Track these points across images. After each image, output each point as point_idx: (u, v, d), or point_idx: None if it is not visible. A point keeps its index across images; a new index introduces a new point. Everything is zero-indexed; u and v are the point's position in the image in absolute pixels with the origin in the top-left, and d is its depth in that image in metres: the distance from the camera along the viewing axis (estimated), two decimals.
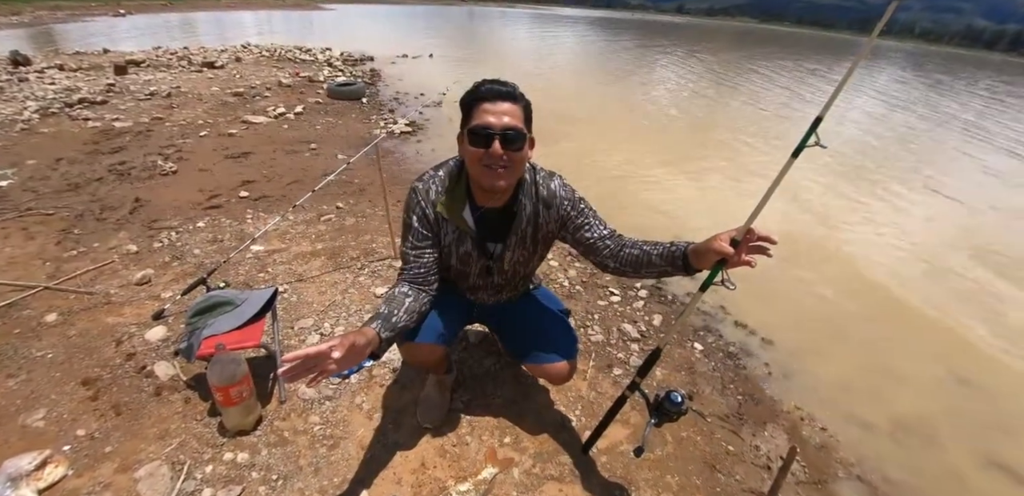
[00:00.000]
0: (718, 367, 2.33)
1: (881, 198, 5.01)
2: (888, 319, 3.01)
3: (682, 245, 1.25)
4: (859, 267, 3.59)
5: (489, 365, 2.04)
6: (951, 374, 2.59)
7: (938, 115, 11.00)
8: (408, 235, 1.35)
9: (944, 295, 3.36)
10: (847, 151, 6.71)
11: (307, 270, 2.60)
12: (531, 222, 1.38)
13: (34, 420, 1.60)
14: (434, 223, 1.34)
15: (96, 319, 2.10)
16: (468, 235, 1.37)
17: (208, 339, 1.65)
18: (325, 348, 0.97)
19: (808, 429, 2.05)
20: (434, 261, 1.36)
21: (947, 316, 3.12)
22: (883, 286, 3.38)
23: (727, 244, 1.11)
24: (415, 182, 1.36)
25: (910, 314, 3.10)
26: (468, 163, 1.26)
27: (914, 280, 3.52)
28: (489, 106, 1.20)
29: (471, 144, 1.20)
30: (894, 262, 3.73)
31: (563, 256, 3.08)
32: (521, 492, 1.53)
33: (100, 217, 3.01)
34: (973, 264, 3.87)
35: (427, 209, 1.33)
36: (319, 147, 4.76)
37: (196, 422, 1.65)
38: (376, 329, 1.15)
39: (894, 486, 1.83)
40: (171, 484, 1.43)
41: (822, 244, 3.85)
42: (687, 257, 1.22)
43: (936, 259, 3.88)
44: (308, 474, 1.51)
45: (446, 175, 1.35)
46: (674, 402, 1.33)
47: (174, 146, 4.43)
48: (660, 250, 1.27)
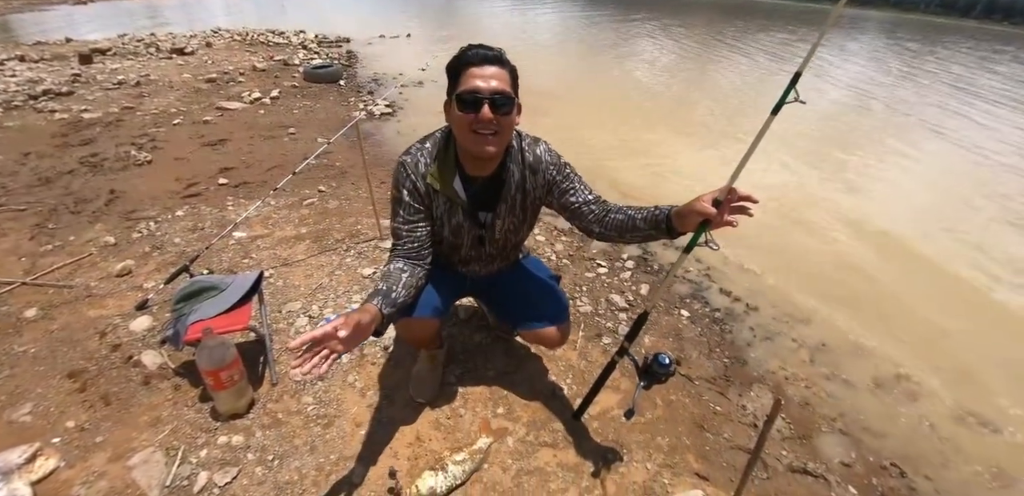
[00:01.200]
0: (704, 332, 2.35)
1: (866, 156, 5.02)
2: (867, 283, 3.04)
3: (665, 209, 1.24)
4: (840, 230, 3.61)
5: (480, 339, 2.03)
6: (928, 328, 2.65)
7: (919, 75, 10.99)
8: (399, 210, 1.32)
9: (928, 253, 3.41)
10: (830, 111, 6.69)
11: (292, 254, 2.55)
12: (519, 189, 1.37)
13: (20, 415, 1.56)
14: (425, 195, 1.32)
15: (78, 312, 2.04)
16: (459, 206, 1.34)
17: (195, 324, 1.61)
18: (330, 329, 0.97)
19: (792, 388, 2.09)
20: (427, 234, 1.34)
21: (930, 268, 3.18)
22: (866, 248, 3.41)
23: (709, 205, 1.10)
24: (402, 156, 1.32)
25: (891, 272, 3.14)
26: (456, 130, 1.24)
27: (897, 237, 3.57)
28: (477, 70, 1.16)
29: (460, 109, 1.17)
30: (879, 222, 3.77)
31: (549, 231, 3.06)
32: (516, 459, 1.55)
33: (75, 210, 2.90)
34: (959, 215, 3.94)
35: (417, 182, 1.30)
36: (298, 131, 4.62)
37: (188, 408, 1.62)
38: (378, 306, 1.15)
39: (874, 437, 1.88)
40: (166, 469, 1.42)
41: (803, 209, 3.87)
42: (671, 220, 1.21)
43: (923, 214, 3.93)
44: (304, 453, 1.50)
45: (433, 146, 1.32)
46: (662, 364, 1.33)
47: (147, 135, 4.26)
48: (644, 214, 1.26)
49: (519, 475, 1.50)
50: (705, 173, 4.34)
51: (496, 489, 1.45)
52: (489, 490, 1.45)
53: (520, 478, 1.49)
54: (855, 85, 8.60)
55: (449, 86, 1.22)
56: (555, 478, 1.50)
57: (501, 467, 1.52)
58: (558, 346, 1.68)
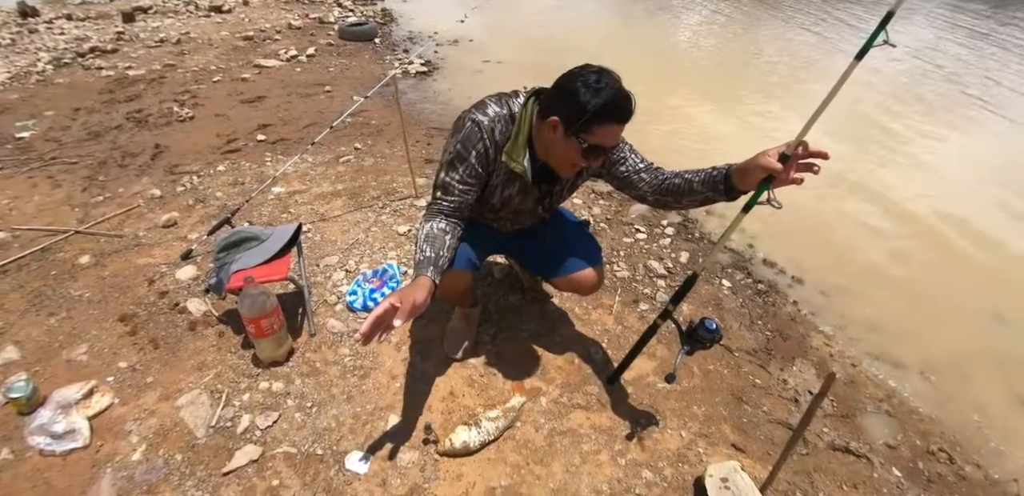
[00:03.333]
0: (746, 303, 2.25)
1: (938, 126, 4.60)
2: (924, 259, 2.83)
3: (723, 168, 1.16)
4: (899, 204, 3.35)
5: (515, 300, 2.00)
6: (987, 313, 2.44)
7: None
8: (459, 167, 1.24)
9: (988, 232, 3.14)
10: (895, 76, 6.13)
11: (329, 210, 2.54)
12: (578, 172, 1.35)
13: (77, 354, 1.64)
14: (492, 162, 1.27)
15: (127, 260, 2.10)
16: (519, 180, 1.31)
17: (237, 273, 1.63)
18: (389, 306, 1.02)
19: (837, 365, 1.98)
20: (474, 199, 1.31)
21: (986, 255, 2.92)
22: (922, 223, 3.15)
23: (775, 160, 1.02)
24: (478, 115, 1.22)
25: (947, 253, 2.90)
26: (556, 151, 1.21)
27: (956, 217, 3.28)
28: (616, 128, 1.15)
29: (582, 155, 1.17)
30: (937, 198, 3.46)
31: (587, 194, 2.94)
32: (548, 419, 1.53)
33: (122, 164, 2.97)
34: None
35: (490, 148, 1.24)
36: (333, 89, 4.56)
37: (231, 354, 1.66)
38: (431, 276, 1.15)
39: (923, 421, 1.78)
40: (211, 411, 1.46)
41: (862, 176, 3.59)
42: (730, 179, 1.13)
43: (984, 194, 3.59)
44: (341, 401, 1.53)
45: (508, 116, 1.24)
46: (709, 329, 1.28)
47: (188, 92, 4.29)
48: (702, 176, 1.20)
49: (551, 435, 1.49)
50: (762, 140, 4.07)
51: (528, 447, 1.45)
52: (521, 447, 1.44)
53: (552, 438, 1.48)
54: (921, 52, 7.84)
55: (571, 114, 1.12)
56: (588, 440, 1.48)
57: (534, 426, 1.51)
58: (593, 291, 1.63)
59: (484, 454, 1.40)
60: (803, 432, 1.22)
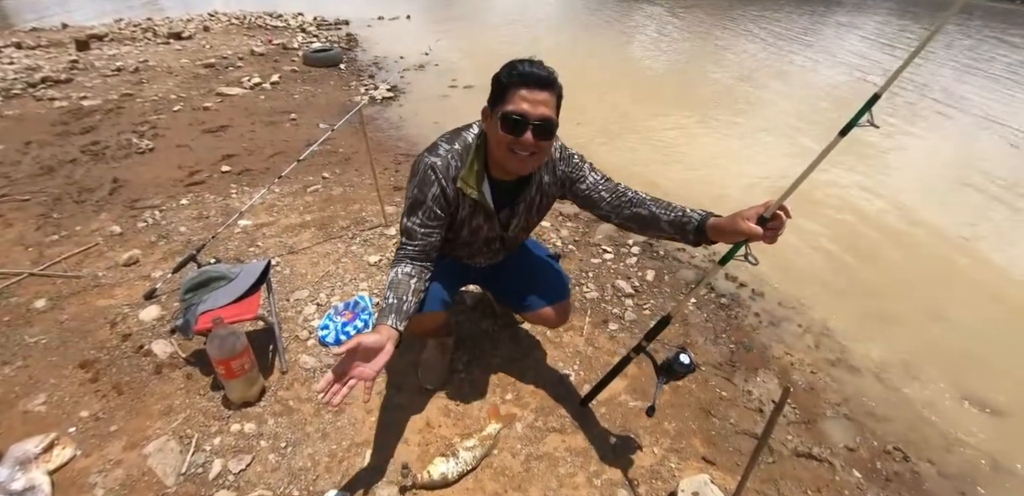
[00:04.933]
0: (710, 318, 2.34)
1: (881, 138, 4.91)
2: (871, 267, 3.01)
3: (696, 217, 1.19)
4: (847, 214, 3.56)
5: (487, 326, 2.03)
6: (930, 314, 2.62)
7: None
8: (418, 211, 1.27)
9: (933, 235, 3.37)
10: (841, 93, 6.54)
11: (298, 242, 2.53)
12: (539, 189, 1.37)
13: (35, 405, 1.57)
14: (452, 200, 1.28)
15: (87, 302, 2.04)
16: (483, 209, 1.33)
17: (205, 314, 1.61)
18: (338, 352, 1.00)
19: (797, 373, 2.08)
20: (439, 240, 1.32)
21: (931, 259, 3.14)
22: (871, 233, 3.37)
23: (755, 224, 1.05)
24: (430, 157, 1.25)
25: (896, 258, 3.11)
26: (493, 144, 1.22)
27: (905, 221, 3.51)
28: (527, 93, 1.13)
29: (502, 128, 1.14)
30: (887, 205, 3.71)
31: (554, 217, 3.02)
32: (525, 445, 1.55)
33: (79, 200, 2.88)
34: (967, 200, 3.87)
35: (447, 187, 1.26)
36: (299, 117, 4.55)
37: (200, 396, 1.63)
38: (392, 325, 1.14)
39: (879, 421, 1.88)
40: (181, 457, 1.43)
41: (811, 190, 3.80)
42: (702, 231, 1.17)
43: (932, 197, 3.86)
44: (316, 440, 1.52)
45: (463, 148, 1.27)
46: (683, 364, 1.32)
47: (148, 123, 4.21)
48: (671, 217, 1.22)
49: (528, 460, 1.51)
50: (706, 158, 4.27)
51: (506, 474, 1.46)
52: (499, 475, 1.46)
53: (530, 463, 1.50)
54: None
55: (493, 96, 1.17)
56: (564, 463, 1.51)
57: (511, 452, 1.53)
58: (560, 324, 1.68)
59: (463, 484, 1.41)
60: (765, 444, 1.28)
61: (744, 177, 3.95)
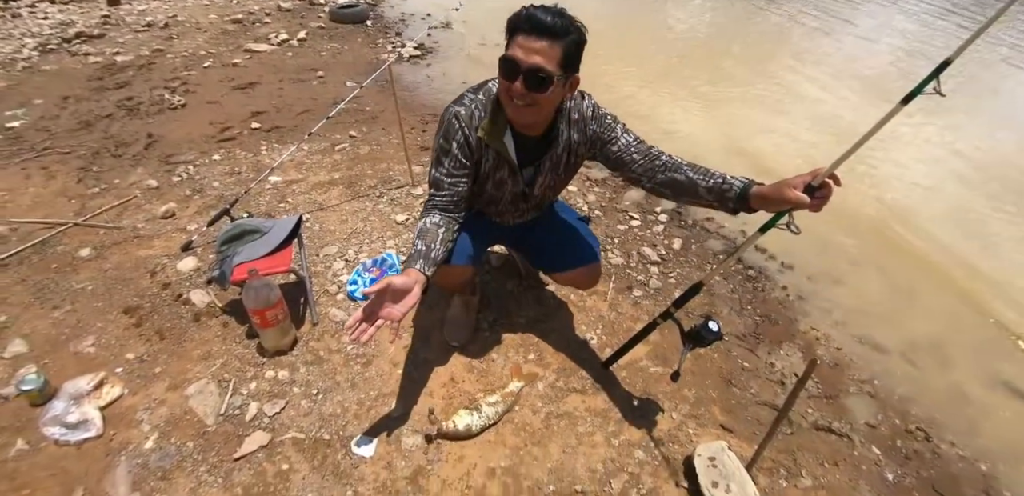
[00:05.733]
0: (736, 289, 2.29)
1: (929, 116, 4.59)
2: (908, 247, 2.86)
3: (738, 184, 1.12)
4: (886, 194, 3.38)
5: (512, 287, 2.03)
6: (966, 299, 2.50)
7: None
8: (444, 161, 1.27)
9: (969, 223, 3.18)
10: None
11: (326, 199, 2.54)
12: (567, 148, 1.33)
13: (84, 346, 1.66)
14: (476, 149, 1.27)
15: (128, 252, 2.10)
16: (506, 161, 1.30)
17: (240, 266, 1.65)
18: (374, 296, 1.02)
19: (823, 348, 2.04)
20: (467, 190, 1.31)
21: (969, 242, 2.97)
22: (909, 213, 3.18)
23: (802, 192, 0.99)
24: (454, 106, 1.25)
25: (935, 238, 2.94)
26: (500, 94, 1.19)
27: (940, 209, 3.31)
28: (523, 40, 1.08)
29: (499, 72, 1.13)
30: (926, 189, 3.49)
31: (581, 181, 2.95)
32: (546, 403, 1.58)
33: (116, 154, 2.93)
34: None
35: (470, 135, 1.24)
36: (326, 75, 4.47)
37: (236, 344, 1.69)
38: (421, 269, 1.14)
39: (903, 401, 1.85)
40: (220, 399, 1.50)
41: (859, 157, 3.60)
42: (744, 200, 1.11)
43: (973, 184, 3.61)
44: (345, 389, 1.57)
45: (487, 99, 1.25)
46: (711, 331, 1.31)
47: (179, 79, 4.19)
48: (710, 183, 1.16)
49: (549, 418, 1.54)
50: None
51: (526, 429, 1.50)
52: (520, 430, 1.49)
53: (550, 421, 1.53)
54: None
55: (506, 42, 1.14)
56: (583, 422, 1.54)
57: (532, 410, 1.56)
58: (591, 286, 1.68)
59: (484, 437, 1.45)
60: (787, 414, 1.27)
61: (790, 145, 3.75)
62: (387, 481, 1.33)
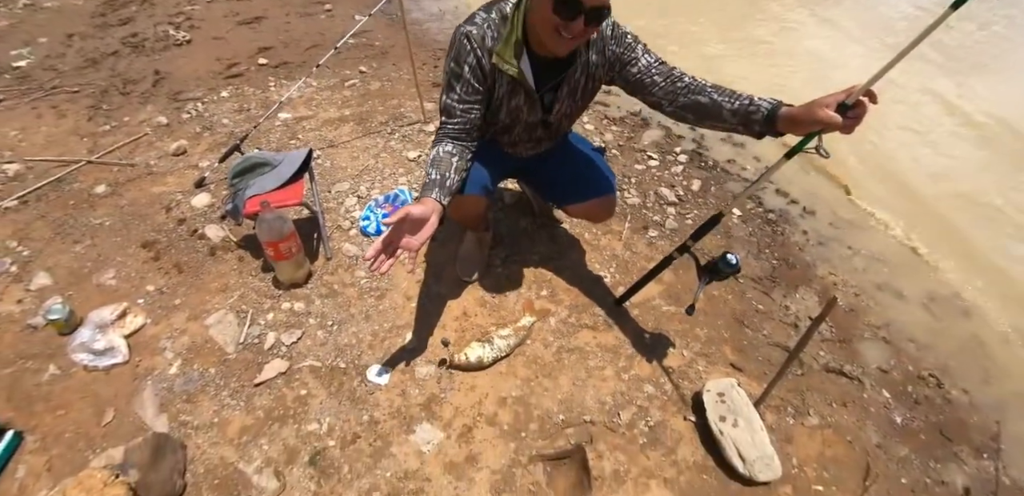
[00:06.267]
0: (755, 233, 2.17)
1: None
2: (940, 196, 2.63)
3: (766, 106, 1.01)
4: (921, 134, 3.09)
5: (525, 224, 1.95)
6: (999, 248, 2.33)
7: None
8: (456, 86, 1.15)
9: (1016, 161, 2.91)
10: None
11: (337, 136, 2.42)
12: (584, 71, 1.20)
13: (106, 279, 1.65)
14: (489, 74, 1.15)
15: (143, 189, 2.05)
16: (522, 87, 1.18)
17: (252, 198, 1.60)
18: (393, 227, 0.99)
19: (840, 294, 1.94)
20: (479, 117, 1.20)
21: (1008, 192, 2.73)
22: (946, 153, 2.92)
23: (834, 112, 0.88)
24: (466, 26, 1.12)
25: (966, 188, 2.70)
26: (538, 20, 1.05)
27: (989, 147, 3.03)
28: None
29: (553, 9, 0.98)
30: (969, 121, 3.18)
31: (598, 120, 2.76)
32: (557, 338, 1.55)
33: (124, 92, 2.80)
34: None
35: (482, 58, 1.12)
36: (334, 8, 4.17)
37: (252, 277, 1.67)
38: (436, 198, 1.08)
39: (917, 348, 1.77)
40: (239, 329, 1.50)
41: (889, 103, 3.29)
42: (772, 122, 1.00)
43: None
44: (359, 320, 1.55)
45: (500, 18, 1.12)
46: (729, 264, 1.24)
47: (183, 14, 3.94)
48: (736, 105, 1.05)
49: (560, 352, 1.51)
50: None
51: (538, 362, 1.48)
52: (531, 362, 1.48)
53: (561, 354, 1.51)
54: None
55: None
56: (594, 357, 1.51)
57: (543, 344, 1.53)
58: (606, 218, 1.61)
59: (496, 368, 1.44)
60: (800, 352, 1.22)
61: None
62: (401, 407, 1.34)
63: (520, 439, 1.29)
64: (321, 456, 1.23)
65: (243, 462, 1.21)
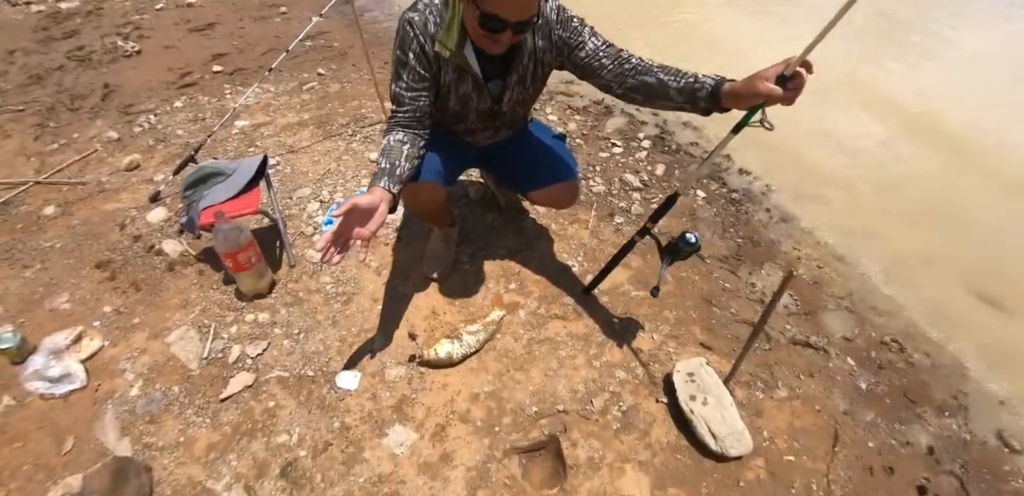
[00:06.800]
0: (720, 213, 2.17)
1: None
2: (897, 163, 2.67)
3: (709, 82, 1.00)
4: (886, 106, 3.11)
5: (492, 219, 1.91)
6: (952, 214, 2.35)
7: None
8: (403, 74, 1.13)
9: (967, 134, 2.94)
10: None
11: (297, 141, 2.34)
12: (531, 57, 1.17)
13: (60, 303, 1.57)
14: (433, 60, 1.12)
15: (95, 207, 1.95)
16: (469, 74, 1.15)
17: (207, 209, 1.53)
18: (341, 220, 0.98)
19: (804, 267, 1.95)
20: (429, 104, 1.17)
21: (966, 154, 2.76)
22: (898, 131, 2.93)
23: (774, 84, 0.88)
24: (408, 13, 1.09)
25: (924, 157, 2.73)
26: (468, 27, 1.06)
27: (939, 121, 3.05)
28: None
29: (480, 25, 0.99)
30: (922, 102, 3.20)
31: (562, 109, 2.72)
32: (527, 330, 1.52)
33: (72, 107, 2.66)
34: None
35: (425, 44, 1.09)
36: (289, 10, 4.02)
37: (213, 290, 1.60)
38: (385, 186, 1.06)
39: (880, 315, 1.78)
40: (201, 344, 1.44)
41: (844, 80, 3.30)
42: (716, 98, 0.99)
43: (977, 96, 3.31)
44: (326, 327, 1.50)
45: (443, 4, 1.09)
46: (689, 242, 1.23)
47: (131, 23, 3.76)
48: (681, 84, 1.04)
49: (530, 344, 1.49)
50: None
51: (508, 356, 1.45)
52: (502, 356, 1.45)
53: (531, 346, 1.48)
54: None
55: None
56: (565, 346, 1.49)
57: (513, 337, 1.50)
58: (569, 204, 1.57)
59: (467, 365, 1.41)
60: (763, 326, 1.21)
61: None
62: (372, 411, 1.30)
63: (494, 434, 1.27)
64: (292, 467, 1.19)
65: (212, 480, 1.16)
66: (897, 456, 1.36)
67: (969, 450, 1.41)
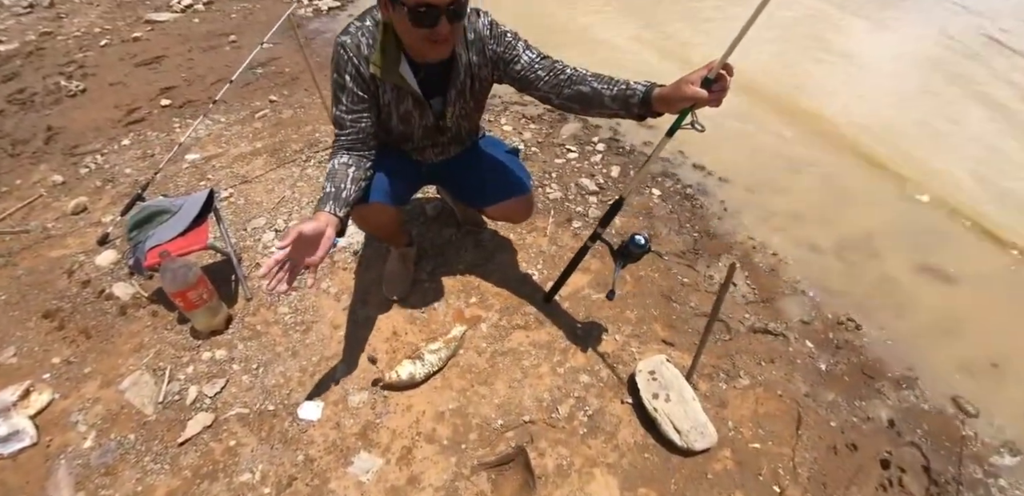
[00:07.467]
0: (675, 209, 2.20)
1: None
2: (842, 150, 2.73)
3: (640, 89, 1.02)
4: (816, 101, 3.20)
5: (449, 235, 1.89)
6: (894, 194, 2.44)
7: None
8: (342, 97, 1.12)
9: (900, 126, 3.04)
10: None
11: (250, 170, 2.29)
12: (468, 72, 1.17)
13: (5, 358, 1.49)
14: (370, 81, 1.11)
15: (40, 255, 1.87)
16: (407, 93, 1.15)
17: (152, 250, 1.48)
18: (285, 251, 0.94)
19: (759, 256, 1.99)
20: (372, 125, 1.16)
21: (896, 144, 2.85)
22: (837, 118, 3.02)
23: (699, 87, 0.90)
24: (341, 36, 1.09)
25: (862, 144, 2.81)
26: (404, 36, 1.04)
27: (872, 114, 3.15)
28: None
29: (413, 23, 0.96)
30: (855, 96, 3.30)
31: (516, 119, 2.73)
32: (490, 343, 1.51)
33: (13, 153, 2.56)
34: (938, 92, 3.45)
35: (360, 66, 1.09)
36: (239, 38, 3.96)
37: (168, 331, 1.55)
38: (330, 211, 1.04)
39: (834, 295, 1.82)
40: (157, 388, 1.38)
41: (780, 79, 3.39)
42: (647, 104, 1.01)
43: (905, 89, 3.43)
44: (286, 358, 1.47)
45: (374, 26, 1.08)
46: (638, 244, 1.24)
47: (74, 62, 3.65)
48: (615, 91, 1.06)
49: (494, 357, 1.47)
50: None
51: (472, 371, 1.43)
52: (466, 372, 1.43)
53: (495, 359, 1.47)
54: None
55: None
56: (528, 356, 1.48)
57: (476, 351, 1.49)
58: (525, 218, 1.57)
59: (431, 383, 1.39)
60: (715, 318, 1.22)
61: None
62: (336, 440, 1.26)
63: (461, 451, 1.25)
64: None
65: None
66: (859, 433, 1.39)
67: (928, 419, 1.45)
